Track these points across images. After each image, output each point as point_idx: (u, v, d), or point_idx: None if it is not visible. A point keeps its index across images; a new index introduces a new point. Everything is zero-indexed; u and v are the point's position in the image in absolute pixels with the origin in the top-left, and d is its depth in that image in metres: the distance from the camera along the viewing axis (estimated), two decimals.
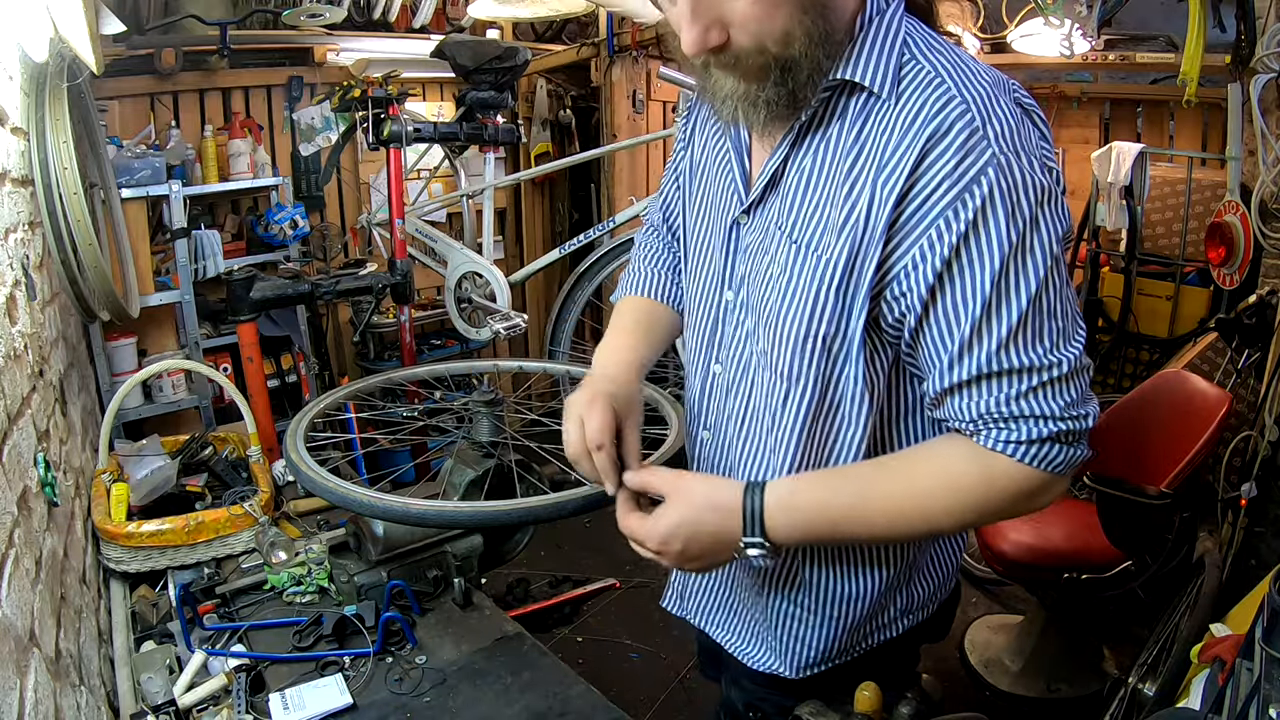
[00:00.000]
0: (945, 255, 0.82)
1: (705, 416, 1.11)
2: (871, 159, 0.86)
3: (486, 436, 1.58)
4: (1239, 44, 2.67)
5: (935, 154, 0.81)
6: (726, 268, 1.03)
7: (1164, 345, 3.32)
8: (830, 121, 0.90)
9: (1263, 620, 0.89)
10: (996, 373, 0.85)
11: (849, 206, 0.87)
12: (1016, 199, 0.81)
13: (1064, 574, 2.34)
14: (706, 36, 0.82)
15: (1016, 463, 0.86)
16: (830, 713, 1.07)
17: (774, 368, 0.97)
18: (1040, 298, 0.83)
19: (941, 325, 0.85)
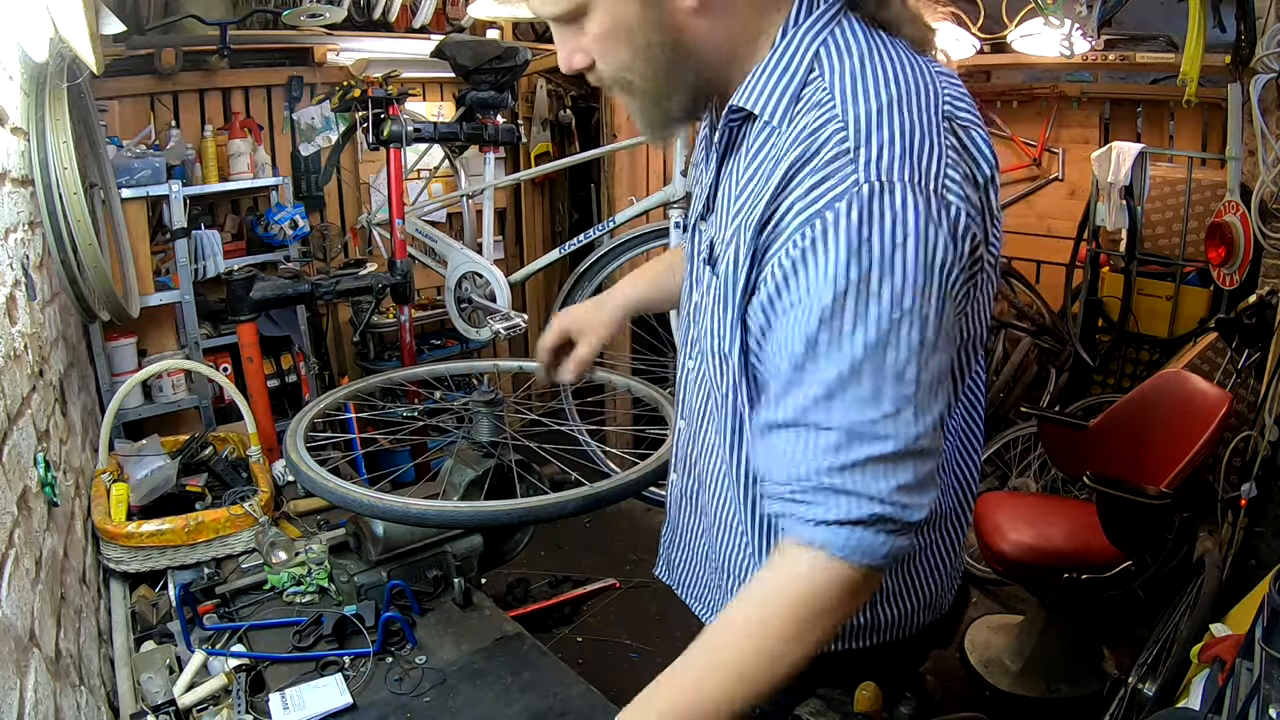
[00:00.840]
0: (780, 281, 0.77)
1: (681, 408, 1.15)
2: (756, 184, 0.83)
3: (486, 436, 1.58)
4: (1239, 44, 2.67)
5: (800, 176, 0.76)
6: (693, 271, 1.04)
7: (1164, 345, 3.33)
8: (738, 147, 0.90)
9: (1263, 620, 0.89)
10: (815, 425, 0.76)
11: (732, 230, 0.86)
12: (867, 235, 0.71)
13: (1064, 574, 2.34)
14: (572, 59, 0.90)
15: (824, 558, 0.76)
16: (830, 713, 1.07)
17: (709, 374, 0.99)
18: (882, 354, 0.73)
19: (771, 358, 0.81)
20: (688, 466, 1.16)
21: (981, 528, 2.56)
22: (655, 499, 3.32)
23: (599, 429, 3.23)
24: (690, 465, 1.15)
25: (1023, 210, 4.09)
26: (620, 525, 3.52)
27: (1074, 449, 2.63)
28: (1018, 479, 3.36)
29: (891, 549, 0.76)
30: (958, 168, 0.76)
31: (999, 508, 2.59)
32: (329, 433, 1.91)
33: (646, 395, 1.74)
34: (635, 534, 3.47)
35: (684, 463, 1.17)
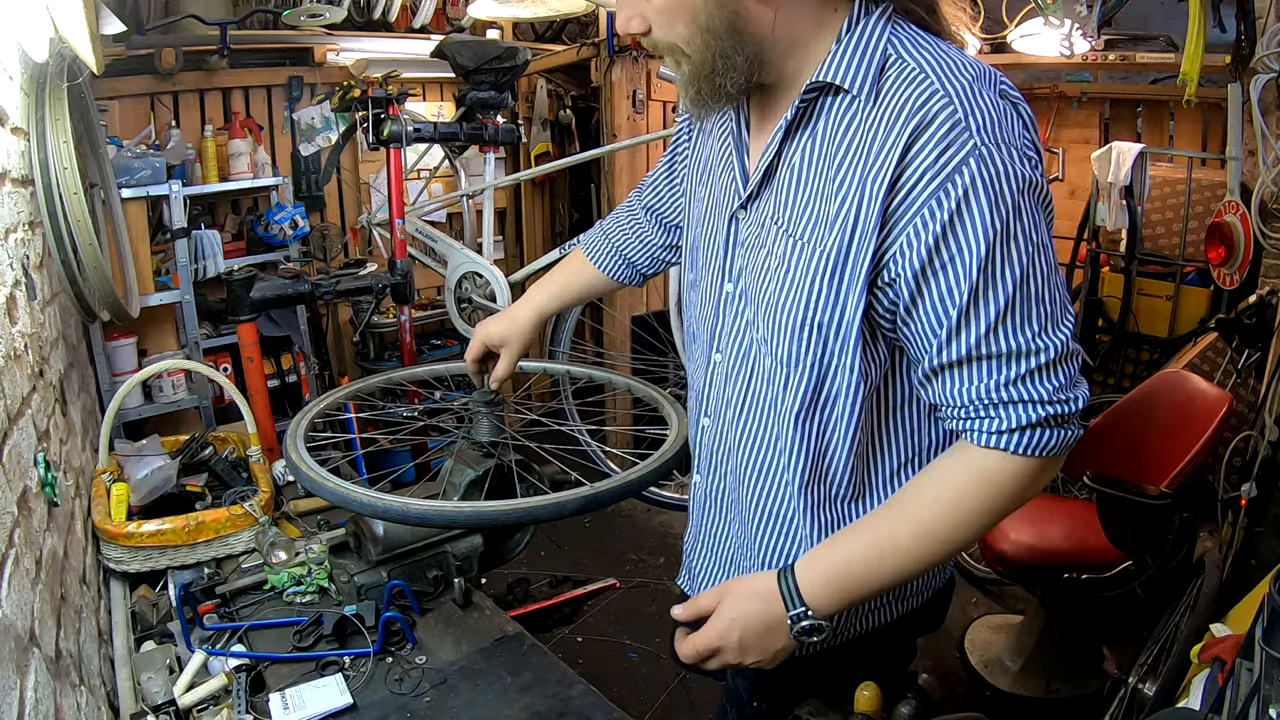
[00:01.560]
0: (930, 244, 0.86)
1: (707, 404, 1.15)
2: (859, 154, 0.90)
3: (486, 436, 1.58)
4: (1239, 44, 2.67)
5: (919, 145, 0.85)
6: (727, 260, 1.08)
7: (1164, 345, 3.32)
8: (815, 120, 0.95)
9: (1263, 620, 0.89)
10: (985, 356, 0.88)
11: (839, 201, 0.91)
12: (1000, 189, 0.84)
13: (1064, 574, 2.34)
14: (629, 23, 0.96)
15: (1010, 456, 0.90)
16: (830, 713, 1.07)
17: (774, 354, 1.01)
18: (1026, 283, 0.86)
19: (930, 311, 0.89)
20: (713, 466, 1.17)
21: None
22: (655, 499, 3.32)
23: (599, 429, 3.23)
24: (717, 465, 1.16)
25: None
26: (620, 525, 3.52)
27: (1074, 449, 2.62)
28: None
29: (1063, 440, 0.90)
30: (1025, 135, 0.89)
31: None
32: (329, 433, 1.91)
33: (648, 396, 1.73)
34: (635, 534, 3.47)
35: (709, 463, 1.18)
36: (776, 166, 0.99)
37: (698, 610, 1.02)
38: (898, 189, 0.86)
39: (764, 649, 0.98)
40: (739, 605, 0.99)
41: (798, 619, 0.96)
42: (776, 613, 0.97)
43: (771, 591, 0.97)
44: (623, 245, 1.47)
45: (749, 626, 0.98)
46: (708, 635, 0.99)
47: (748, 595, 0.99)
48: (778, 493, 1.08)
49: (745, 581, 1.02)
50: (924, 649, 1.23)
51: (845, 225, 0.91)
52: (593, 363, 3.39)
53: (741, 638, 0.98)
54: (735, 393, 1.09)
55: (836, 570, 0.96)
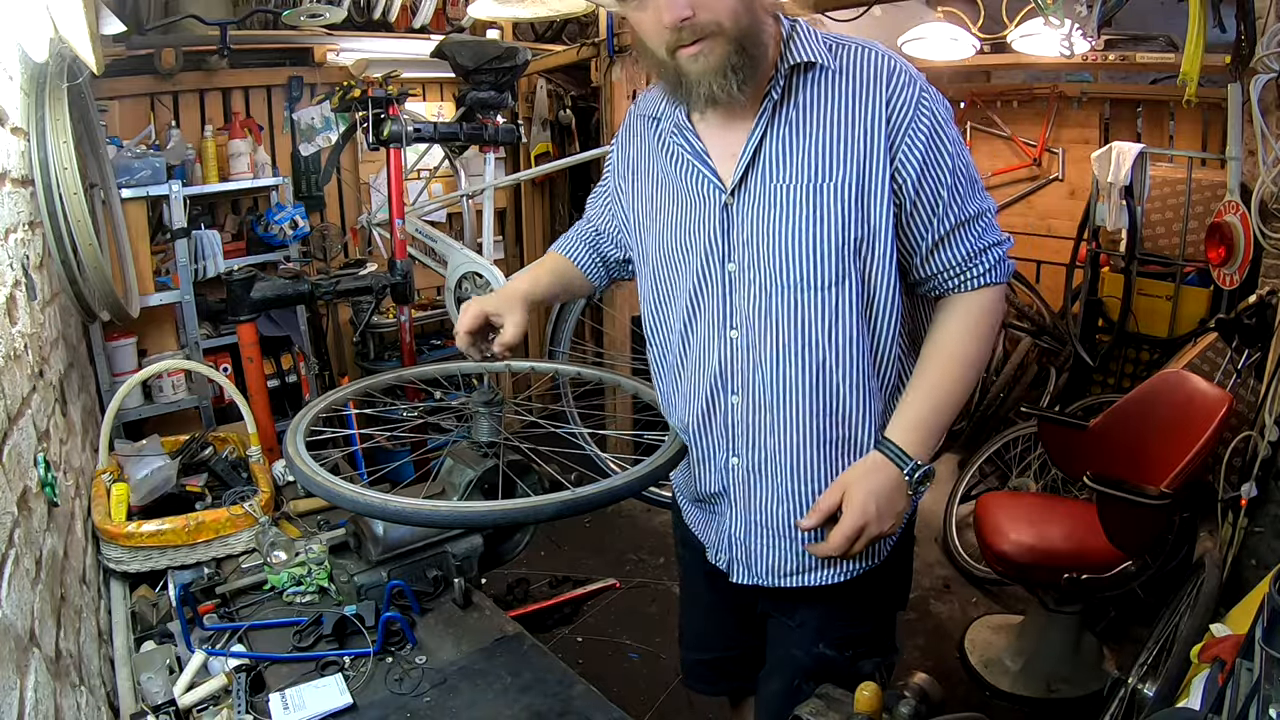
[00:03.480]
0: (921, 152, 1.18)
1: (731, 382, 1.30)
2: (853, 107, 1.19)
3: (486, 437, 1.58)
4: (1239, 44, 2.67)
5: (895, 92, 1.18)
6: (725, 246, 1.26)
7: (1164, 345, 3.32)
8: (794, 95, 1.21)
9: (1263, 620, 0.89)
10: (962, 222, 1.22)
11: (848, 142, 1.18)
12: (945, 111, 1.21)
13: (1064, 574, 2.34)
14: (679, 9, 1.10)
15: (995, 286, 1.26)
16: (830, 713, 1.07)
17: (815, 285, 1.21)
18: (970, 167, 1.23)
19: (928, 198, 1.21)
20: (752, 439, 1.31)
21: (982, 528, 2.55)
22: (655, 499, 3.32)
23: (598, 431, 3.23)
24: (756, 435, 1.31)
25: (1023, 210, 4.09)
26: (620, 525, 3.52)
27: (1074, 449, 2.62)
28: (1018, 479, 3.36)
29: (1011, 267, 1.28)
30: None
31: (999, 508, 2.59)
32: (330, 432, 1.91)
33: (649, 397, 1.73)
34: (635, 534, 3.47)
35: (746, 438, 1.32)
36: (763, 145, 1.22)
37: (824, 510, 1.23)
38: (891, 123, 1.18)
39: (894, 511, 1.23)
40: (865, 483, 1.22)
41: (913, 471, 1.22)
42: (895, 475, 1.22)
43: (883, 461, 1.23)
44: (592, 242, 1.60)
45: (881, 494, 1.21)
46: (852, 517, 1.20)
47: (867, 472, 1.23)
48: (842, 409, 1.26)
49: (854, 469, 1.25)
50: (924, 649, 1.24)
51: (859, 156, 1.18)
52: (593, 363, 3.39)
53: (879, 506, 1.21)
54: (767, 358, 1.25)
55: (921, 422, 1.24)
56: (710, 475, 1.39)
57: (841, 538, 1.21)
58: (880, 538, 1.24)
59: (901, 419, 1.25)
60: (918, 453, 1.22)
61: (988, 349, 1.29)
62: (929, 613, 2.94)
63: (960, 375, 1.25)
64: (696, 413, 1.35)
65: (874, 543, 1.24)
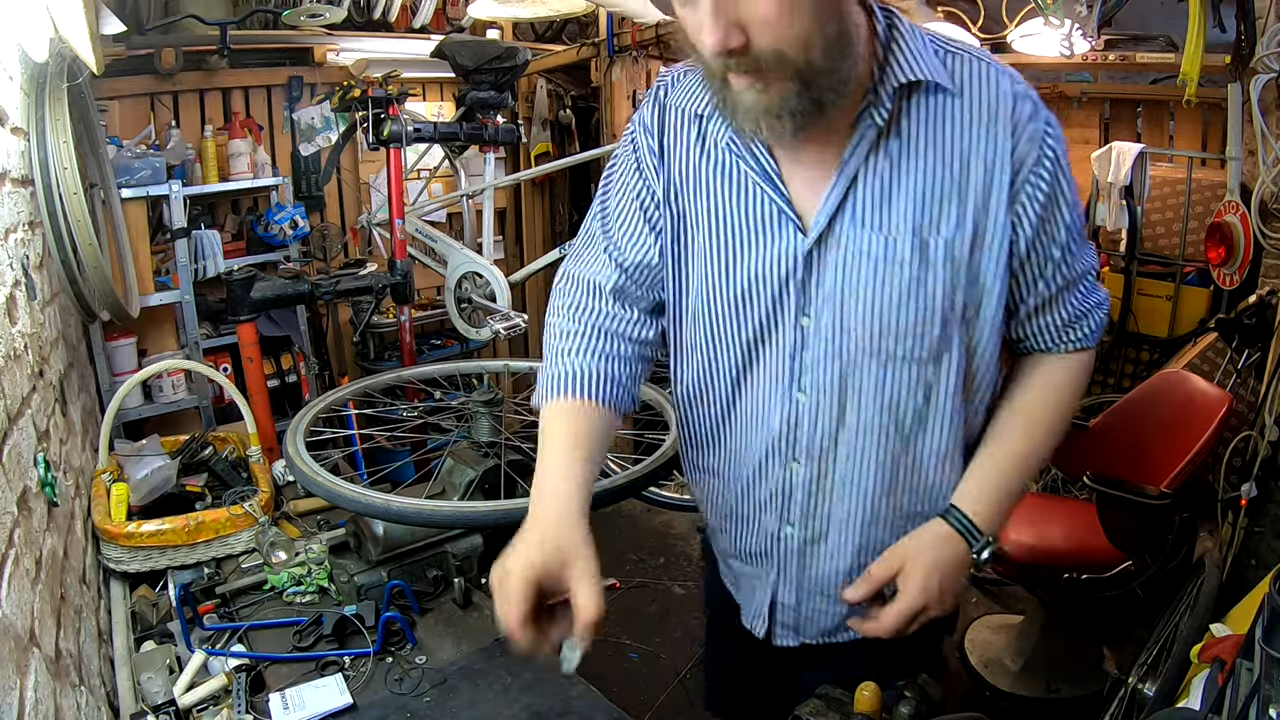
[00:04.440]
0: (1042, 199, 0.99)
1: (793, 447, 1.08)
2: (970, 139, 0.96)
3: (486, 437, 1.58)
4: (1239, 44, 2.67)
5: (1021, 123, 0.96)
6: (800, 297, 1.02)
7: (1164, 345, 3.32)
8: (898, 123, 0.96)
9: (1263, 620, 0.89)
10: (1073, 281, 1.06)
11: (962, 184, 0.97)
12: (1062, 143, 1.00)
13: (1064, 574, 2.33)
14: (728, 36, 0.83)
15: (1087, 350, 1.11)
16: (830, 713, 1.07)
17: (915, 359, 1.02)
18: (1082, 216, 1.04)
19: (1041, 255, 1.03)
20: (812, 510, 1.11)
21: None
22: (655, 499, 3.32)
23: None
24: (819, 506, 1.11)
25: None
26: (620, 525, 3.52)
27: (1074, 449, 2.62)
28: None
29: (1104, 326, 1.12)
30: None
31: None
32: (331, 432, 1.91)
33: (649, 398, 1.73)
34: (635, 534, 3.47)
35: (805, 508, 1.11)
36: (858, 181, 0.97)
37: (877, 582, 1.05)
38: (1016, 160, 0.96)
39: (954, 590, 1.06)
40: (929, 555, 1.04)
41: (982, 548, 1.05)
42: (962, 551, 1.05)
43: (949, 534, 1.05)
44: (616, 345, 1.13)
45: (946, 572, 1.04)
46: (912, 597, 1.03)
47: (930, 545, 1.05)
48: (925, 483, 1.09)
49: (915, 539, 1.06)
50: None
51: (977, 204, 0.97)
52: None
53: (942, 585, 1.03)
54: (846, 424, 1.05)
55: (995, 491, 1.07)
56: (754, 539, 1.19)
57: (898, 619, 1.03)
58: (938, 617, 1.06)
59: (973, 485, 1.07)
60: (989, 526, 1.05)
61: (1071, 417, 1.14)
62: None
63: (1041, 446, 1.09)
64: (744, 474, 1.15)
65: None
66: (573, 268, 1.18)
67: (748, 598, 1.25)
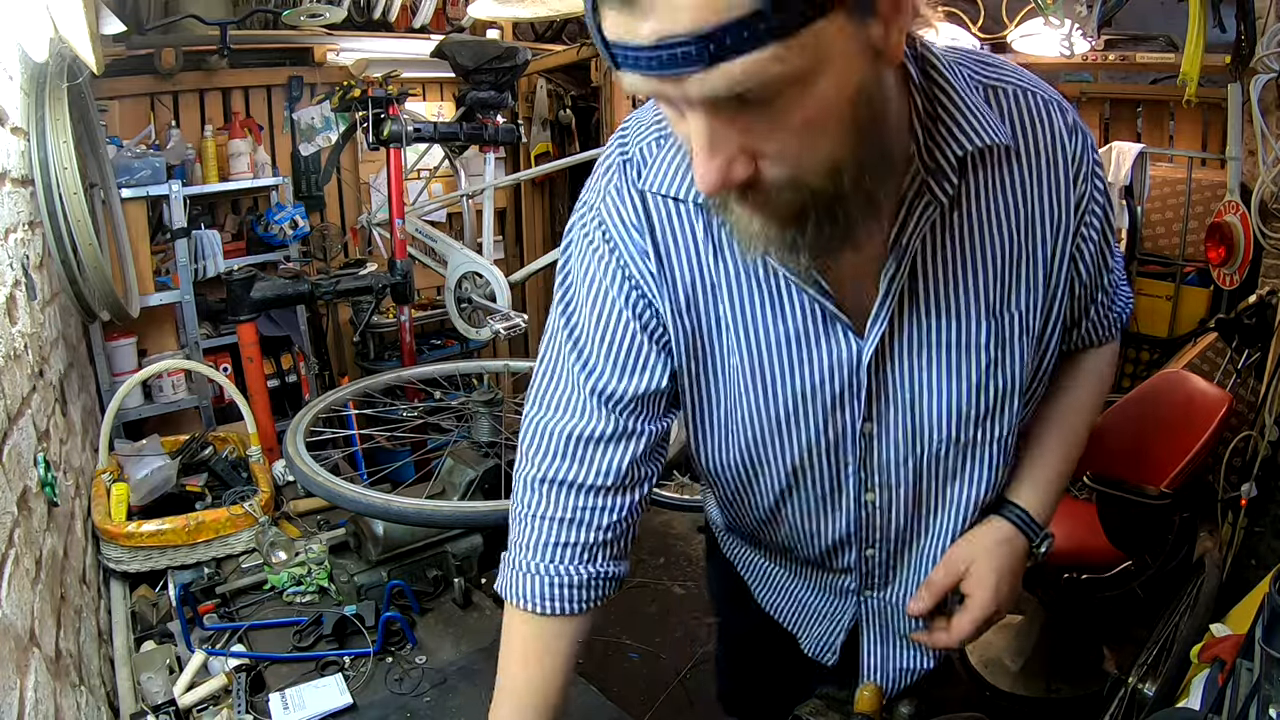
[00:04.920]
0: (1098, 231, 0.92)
1: (866, 538, 1.03)
2: (1034, 198, 0.86)
3: (486, 437, 1.58)
4: (1239, 44, 2.67)
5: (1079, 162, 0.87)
6: (863, 406, 0.90)
7: (1164, 345, 3.32)
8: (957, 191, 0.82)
9: (1263, 620, 0.89)
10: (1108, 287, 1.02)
11: (1030, 249, 0.87)
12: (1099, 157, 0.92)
13: (1064, 574, 2.33)
14: (730, 171, 0.64)
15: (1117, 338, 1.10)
16: (830, 713, 1.07)
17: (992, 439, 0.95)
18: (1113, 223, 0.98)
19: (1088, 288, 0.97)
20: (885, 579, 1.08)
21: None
22: (655, 499, 3.32)
23: None
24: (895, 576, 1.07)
25: None
26: None
27: None
28: None
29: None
30: None
31: None
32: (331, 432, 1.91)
33: None
34: None
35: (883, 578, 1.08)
36: (920, 266, 0.83)
37: (939, 591, 0.99)
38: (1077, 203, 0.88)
39: (1016, 589, 1.02)
40: (991, 560, 0.98)
41: (1040, 542, 1.01)
42: (1024, 548, 1.00)
43: (1008, 532, 1.00)
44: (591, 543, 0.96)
45: (1006, 574, 0.99)
46: (983, 602, 0.97)
47: (992, 547, 0.99)
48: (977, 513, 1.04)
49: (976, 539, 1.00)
50: None
51: (1046, 268, 0.88)
52: None
53: (1011, 587, 1.00)
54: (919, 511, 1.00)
55: (1048, 484, 1.03)
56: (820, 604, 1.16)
57: (972, 626, 0.98)
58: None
59: (1031, 478, 1.02)
60: (1045, 519, 1.02)
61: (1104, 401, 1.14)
62: None
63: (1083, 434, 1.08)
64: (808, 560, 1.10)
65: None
66: (539, 417, 0.95)
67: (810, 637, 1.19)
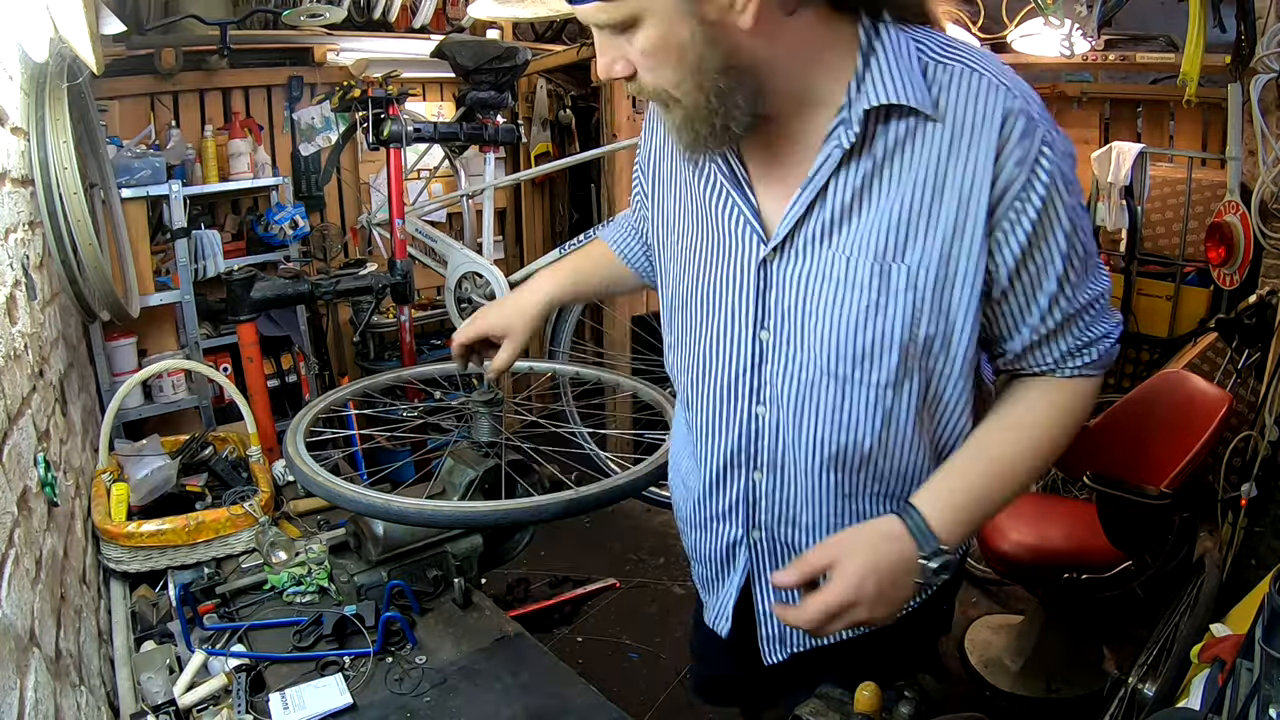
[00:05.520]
0: (1028, 229, 0.91)
1: (754, 460, 1.10)
2: (947, 164, 0.91)
3: (486, 436, 1.58)
4: (1239, 44, 2.67)
5: (1008, 145, 0.89)
6: (757, 309, 1.03)
7: (1164, 345, 3.32)
8: (871, 143, 0.92)
9: (1263, 620, 0.89)
10: (1075, 314, 0.97)
11: (934, 212, 0.92)
12: (1066, 165, 0.91)
13: (1064, 574, 2.33)
14: (612, 67, 0.92)
15: (1091, 378, 1.02)
16: (830, 713, 1.07)
17: (872, 384, 0.99)
18: (1090, 241, 0.96)
19: (1027, 289, 0.96)
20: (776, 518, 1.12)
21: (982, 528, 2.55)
22: (655, 499, 3.32)
23: (598, 430, 3.23)
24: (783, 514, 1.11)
25: None
26: (620, 525, 3.52)
27: (1074, 449, 2.61)
28: None
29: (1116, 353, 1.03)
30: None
31: None
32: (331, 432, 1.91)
33: (650, 398, 1.73)
34: (635, 534, 3.47)
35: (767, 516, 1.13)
36: (824, 200, 0.95)
37: (809, 569, 0.96)
38: (998, 188, 0.90)
39: (894, 599, 0.95)
40: (868, 551, 0.94)
41: (932, 555, 0.95)
42: (909, 553, 0.95)
43: (899, 532, 0.96)
44: (647, 237, 1.33)
45: (885, 572, 0.93)
46: (840, 590, 0.92)
47: (875, 539, 0.96)
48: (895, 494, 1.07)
49: (863, 530, 0.99)
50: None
51: (948, 234, 0.92)
52: (593, 363, 3.39)
53: (878, 586, 0.93)
54: (805, 441, 1.04)
55: (961, 499, 0.98)
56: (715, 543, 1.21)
57: (820, 611, 0.93)
58: (867, 625, 0.95)
59: (937, 488, 0.99)
60: (948, 535, 0.95)
61: (1067, 444, 1.04)
62: None
63: (1027, 466, 1.02)
64: (704, 479, 1.16)
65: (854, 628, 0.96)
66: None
67: (713, 599, 1.27)
